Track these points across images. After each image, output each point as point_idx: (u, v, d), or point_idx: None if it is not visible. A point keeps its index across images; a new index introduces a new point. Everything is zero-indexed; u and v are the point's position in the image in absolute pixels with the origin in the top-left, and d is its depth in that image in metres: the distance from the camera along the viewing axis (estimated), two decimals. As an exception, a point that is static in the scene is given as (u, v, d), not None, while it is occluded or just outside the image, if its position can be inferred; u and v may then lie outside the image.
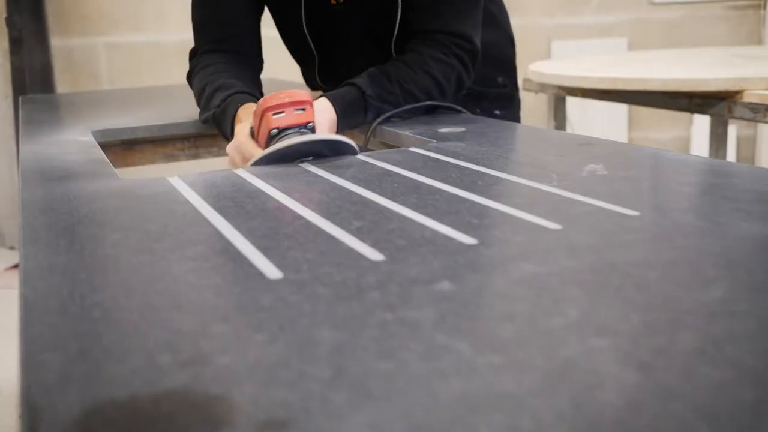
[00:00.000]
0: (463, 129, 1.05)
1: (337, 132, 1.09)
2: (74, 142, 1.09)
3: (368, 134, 1.12)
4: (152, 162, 1.33)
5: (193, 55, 1.30)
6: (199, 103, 1.22)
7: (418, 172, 0.79)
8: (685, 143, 3.29)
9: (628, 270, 0.47)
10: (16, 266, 2.95)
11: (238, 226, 0.61)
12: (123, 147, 1.31)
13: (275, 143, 0.91)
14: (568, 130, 2.28)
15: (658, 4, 3.24)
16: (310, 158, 0.88)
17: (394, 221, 0.61)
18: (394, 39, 1.25)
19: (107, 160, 0.94)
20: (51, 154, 0.99)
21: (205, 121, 1.19)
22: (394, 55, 1.26)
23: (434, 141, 0.97)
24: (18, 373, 0.38)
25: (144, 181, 0.80)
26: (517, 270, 0.48)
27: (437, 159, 0.85)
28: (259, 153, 0.91)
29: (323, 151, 0.89)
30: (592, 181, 0.71)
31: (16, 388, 0.40)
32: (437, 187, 0.72)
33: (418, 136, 1.02)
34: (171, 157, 1.34)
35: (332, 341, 0.39)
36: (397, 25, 1.23)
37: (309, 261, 0.52)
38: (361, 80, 1.13)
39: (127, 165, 1.32)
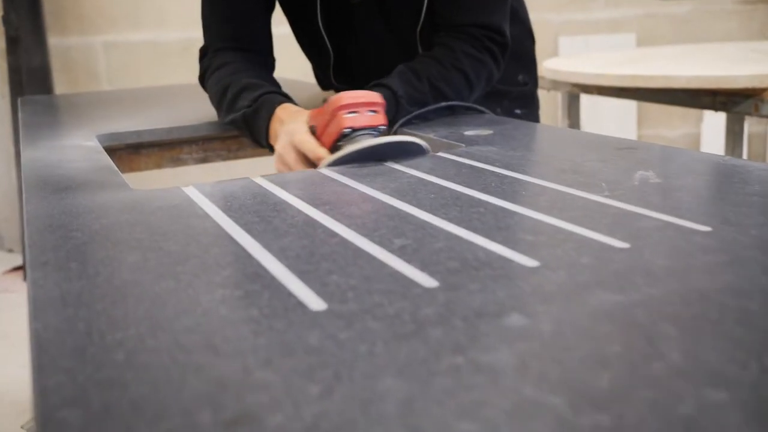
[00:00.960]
0: (490, 131, 0.99)
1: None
2: (78, 147, 1.04)
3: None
4: (159, 167, 1.28)
5: (204, 53, 1.24)
6: (219, 104, 1.16)
7: (454, 181, 0.73)
8: (695, 140, 3.24)
9: (722, 300, 0.41)
10: (15, 269, 2.89)
11: (267, 245, 0.55)
12: (129, 151, 1.25)
13: (347, 143, 0.86)
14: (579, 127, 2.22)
15: (667, -1, 3.19)
16: (379, 161, 0.84)
17: (440, 239, 0.55)
18: (418, 34, 1.19)
19: (115, 167, 0.88)
20: (55, 161, 0.93)
21: (231, 123, 1.13)
22: (420, 50, 1.21)
23: (462, 145, 0.91)
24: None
25: (157, 192, 0.74)
26: (594, 299, 0.42)
27: (471, 165, 0.80)
28: (326, 154, 0.87)
29: (394, 153, 0.85)
30: (647, 191, 0.65)
31: (18, 396, 0.35)
32: (479, 198, 0.66)
33: (444, 140, 0.96)
34: (179, 162, 1.29)
35: (399, 393, 0.33)
36: (422, 19, 1.17)
37: (354, 288, 0.46)
38: (392, 81, 1.07)
39: (133, 170, 1.26)
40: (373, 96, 0.89)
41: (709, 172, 0.70)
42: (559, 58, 2.32)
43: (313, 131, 0.92)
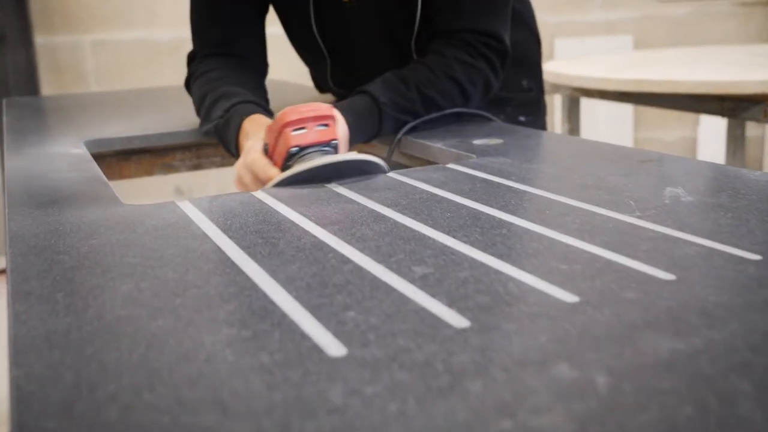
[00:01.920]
0: (500, 141, 0.95)
1: (350, 146, 0.98)
2: (66, 155, 0.98)
3: (392, 146, 1.01)
4: (150, 174, 1.22)
5: (192, 59, 1.18)
6: (199, 113, 1.11)
7: (469, 197, 0.68)
8: (692, 144, 3.21)
9: (795, 346, 0.37)
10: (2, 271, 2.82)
11: (273, 273, 0.50)
12: (118, 158, 1.19)
13: (295, 163, 0.80)
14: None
15: (665, 1, 3.15)
16: (331, 180, 0.77)
17: (464, 267, 0.50)
18: (413, 39, 1.14)
19: (105, 178, 0.83)
20: (40, 172, 0.88)
21: (206, 133, 1.08)
22: (415, 56, 1.16)
23: (473, 156, 0.86)
24: None
25: (150, 208, 0.69)
26: (649, 345, 0.38)
27: (485, 179, 0.75)
28: (277, 174, 0.81)
29: (349, 172, 0.78)
30: (681, 211, 0.60)
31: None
32: (500, 217, 0.61)
33: (453, 150, 0.91)
34: (171, 168, 1.23)
35: (443, 469, 0.28)
36: (416, 24, 1.12)
37: (375, 328, 0.41)
38: (373, 86, 1.02)
39: (123, 177, 1.21)
40: (323, 109, 0.82)
41: (743, 188, 0.66)
42: (559, 61, 2.28)
43: (266, 149, 0.86)
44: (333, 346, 0.39)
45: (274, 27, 1.26)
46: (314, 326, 0.42)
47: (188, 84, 1.17)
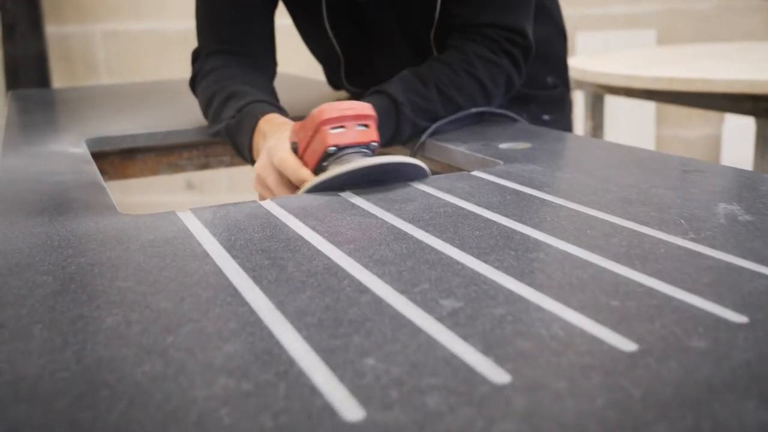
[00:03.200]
0: (528, 145, 0.88)
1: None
2: (64, 155, 0.92)
3: (415, 149, 0.94)
4: (156, 173, 1.16)
5: (196, 57, 1.12)
6: (206, 114, 1.04)
7: (499, 211, 0.62)
8: (716, 142, 3.12)
9: None
10: None
11: (281, 305, 0.44)
12: (122, 156, 1.14)
13: (332, 165, 0.73)
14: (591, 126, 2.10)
15: (690, -6, 3.06)
16: (364, 185, 0.71)
17: (499, 301, 0.44)
18: (432, 35, 1.07)
19: (103, 183, 0.77)
20: (35, 173, 0.82)
21: (215, 134, 1.01)
22: (434, 52, 1.09)
23: (500, 162, 0.80)
24: None
25: (148, 219, 0.63)
26: (732, 414, 0.31)
27: (516, 190, 0.68)
28: (309, 176, 0.74)
29: (390, 176, 0.72)
30: (741, 233, 0.54)
31: None
32: (535, 237, 0.55)
33: (478, 155, 0.85)
34: (177, 168, 1.17)
35: None
36: (436, 18, 1.05)
37: (399, 383, 0.35)
38: (391, 86, 0.95)
39: (127, 176, 1.15)
40: (363, 107, 0.75)
41: (806, 207, 0.59)
42: (582, 56, 2.21)
43: (295, 148, 0.78)
44: (348, 407, 0.33)
45: (285, 18, 1.19)
46: (327, 378, 0.35)
47: (193, 83, 1.10)
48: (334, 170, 0.69)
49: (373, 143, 0.75)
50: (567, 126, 1.30)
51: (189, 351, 0.39)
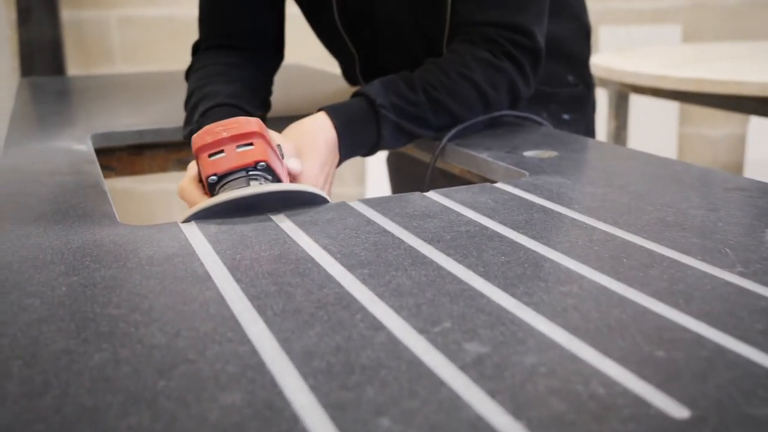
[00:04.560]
0: (554, 153, 0.83)
1: (342, 156, 0.85)
2: (67, 152, 0.88)
3: (436, 154, 0.89)
4: (164, 170, 1.12)
5: (195, 50, 1.07)
6: (185, 112, 0.99)
7: (526, 233, 0.57)
8: (740, 141, 3.05)
9: None
10: None
11: (286, 344, 0.40)
12: (130, 152, 1.10)
13: (219, 191, 0.67)
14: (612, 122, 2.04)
15: (718, -11, 2.98)
16: (274, 210, 0.65)
17: (530, 346, 0.39)
18: (446, 35, 1.02)
19: (104, 187, 0.73)
20: (33, 174, 0.78)
21: (187, 136, 0.93)
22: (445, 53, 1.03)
23: (526, 173, 0.75)
24: None
25: (148, 231, 0.59)
26: None
27: (543, 207, 0.63)
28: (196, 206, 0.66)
29: (281, 203, 0.65)
30: (794, 267, 0.49)
31: None
32: (566, 266, 0.50)
33: (501, 163, 0.80)
34: (186, 165, 1.13)
35: None
36: (447, 18, 0.99)
37: (417, 452, 0.30)
38: (371, 88, 0.88)
39: (135, 173, 1.11)
40: (243, 125, 0.67)
41: None
42: (606, 52, 2.15)
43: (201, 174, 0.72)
44: (359, 485, 0.28)
45: (295, 7, 1.15)
46: (335, 443, 0.31)
47: (187, 77, 1.06)
48: (210, 200, 0.63)
49: (261, 163, 0.67)
50: (589, 126, 1.25)
51: (181, 401, 0.34)
